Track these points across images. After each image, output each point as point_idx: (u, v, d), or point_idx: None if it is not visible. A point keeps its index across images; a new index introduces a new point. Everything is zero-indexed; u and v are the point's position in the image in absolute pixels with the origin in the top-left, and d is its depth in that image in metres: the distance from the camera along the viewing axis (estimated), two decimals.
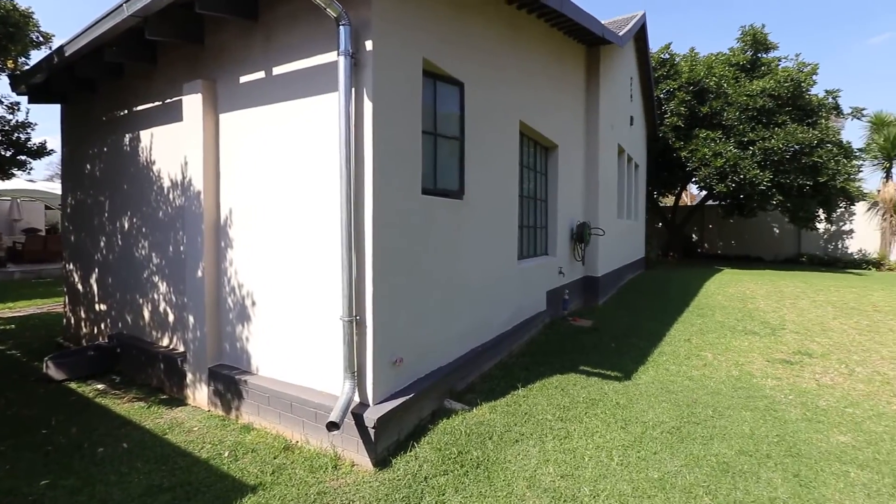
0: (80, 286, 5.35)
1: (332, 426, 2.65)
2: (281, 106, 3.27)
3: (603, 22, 6.92)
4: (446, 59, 3.73)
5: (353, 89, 2.86)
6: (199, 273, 3.65)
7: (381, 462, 2.80)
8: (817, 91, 14.15)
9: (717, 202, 16.18)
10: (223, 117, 3.64)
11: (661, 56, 15.01)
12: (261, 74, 3.37)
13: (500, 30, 4.70)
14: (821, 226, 15.72)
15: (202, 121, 3.59)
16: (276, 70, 3.27)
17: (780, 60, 14.65)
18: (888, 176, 15.40)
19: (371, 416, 2.77)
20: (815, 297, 8.82)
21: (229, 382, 3.49)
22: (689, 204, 20.45)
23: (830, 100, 14.50)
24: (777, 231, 17.10)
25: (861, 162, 14.46)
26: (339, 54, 2.78)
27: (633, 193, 12.07)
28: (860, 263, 15.22)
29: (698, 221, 18.91)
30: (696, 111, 14.21)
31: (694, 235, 19.18)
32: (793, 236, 16.74)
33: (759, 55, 14.91)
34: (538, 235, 6.48)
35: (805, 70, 13.87)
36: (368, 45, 2.84)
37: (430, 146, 3.72)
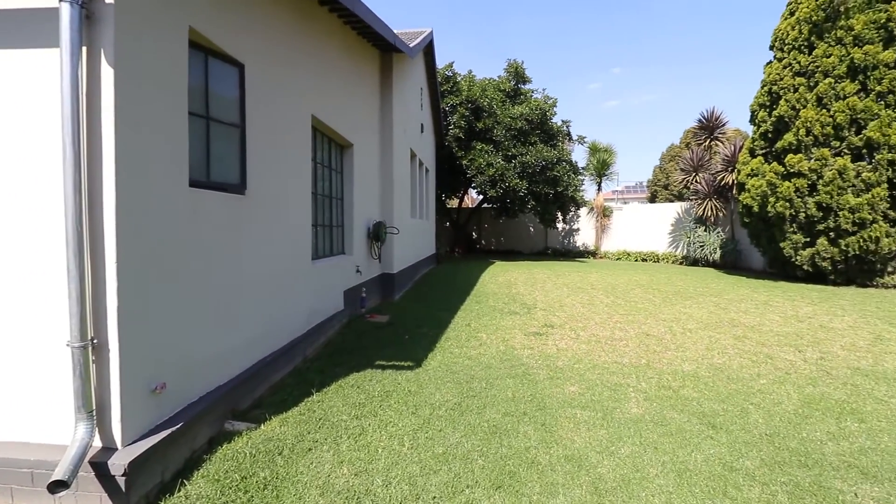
0: None
1: (59, 486, 2.03)
2: None
3: (395, 32, 7.25)
4: (222, 34, 3.28)
5: (83, 48, 2.24)
6: None
7: None
8: (557, 120, 18.22)
9: (490, 205, 19.32)
10: None
11: (446, 73, 16.75)
12: None
13: (291, 16, 4.41)
14: (560, 225, 20.43)
15: None
16: None
17: (533, 92, 18.16)
18: (599, 188, 21.07)
19: (119, 462, 2.22)
20: (556, 281, 11.28)
21: None
22: (470, 206, 23.53)
23: (565, 128, 18.74)
24: (532, 230, 21.32)
25: (583, 177, 19.45)
26: (62, 0, 2.13)
27: (425, 195, 13.13)
28: (584, 254, 20.29)
29: (477, 221, 22.04)
30: (474, 126, 16.41)
31: (474, 233, 22.24)
32: (542, 234, 21.14)
33: (520, 85, 18.17)
34: (334, 234, 6.39)
35: (549, 102, 17.51)
36: None
37: (202, 132, 3.22)
